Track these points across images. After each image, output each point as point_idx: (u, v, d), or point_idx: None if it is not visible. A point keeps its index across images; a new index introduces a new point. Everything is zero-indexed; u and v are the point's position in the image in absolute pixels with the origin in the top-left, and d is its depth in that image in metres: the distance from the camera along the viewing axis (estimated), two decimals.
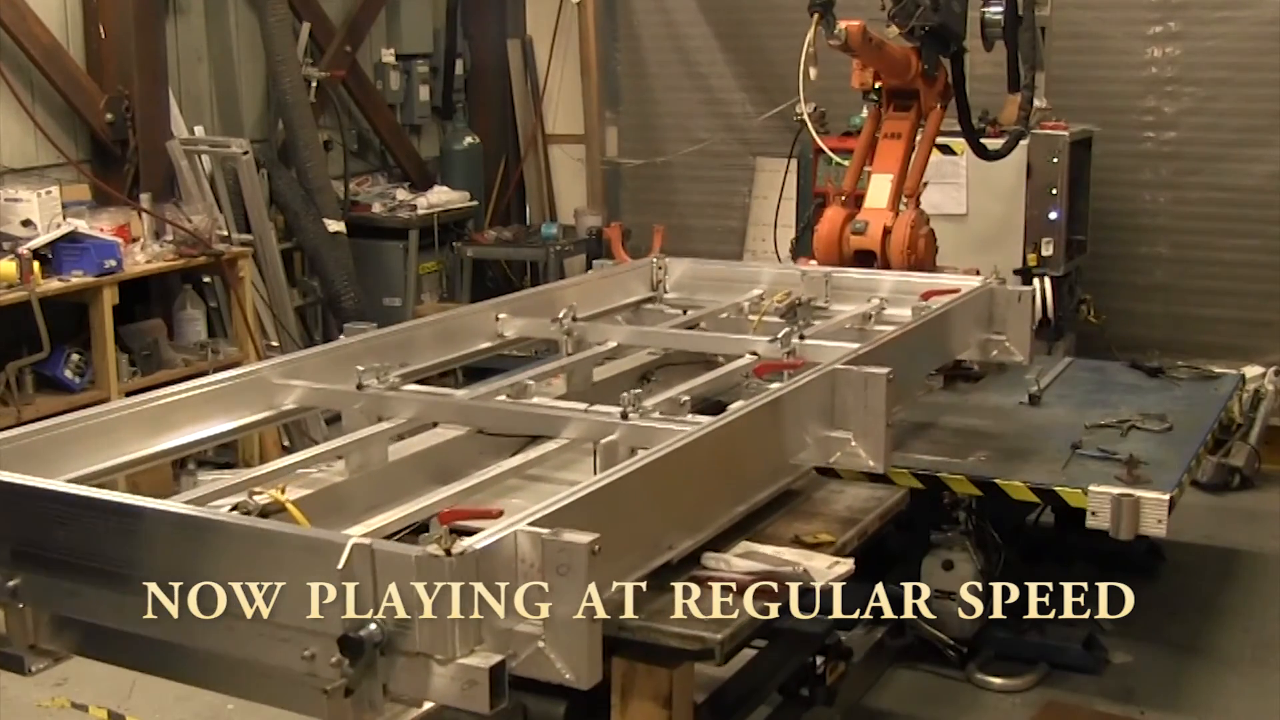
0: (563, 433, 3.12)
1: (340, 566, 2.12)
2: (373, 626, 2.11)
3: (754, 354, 3.73)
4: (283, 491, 2.77)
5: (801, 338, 3.76)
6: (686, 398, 3.25)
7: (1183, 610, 5.43)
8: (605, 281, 4.64)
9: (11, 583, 2.51)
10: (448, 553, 2.10)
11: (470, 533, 2.28)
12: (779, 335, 3.73)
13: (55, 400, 6.25)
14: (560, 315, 3.98)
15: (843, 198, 5.38)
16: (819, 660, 3.84)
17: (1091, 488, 4.26)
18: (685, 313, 4.43)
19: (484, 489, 3.00)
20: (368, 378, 3.33)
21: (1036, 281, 6.45)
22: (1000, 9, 5.46)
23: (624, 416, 3.05)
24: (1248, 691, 4.85)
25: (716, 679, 3.50)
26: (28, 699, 4.88)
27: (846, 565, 3.01)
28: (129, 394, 6.40)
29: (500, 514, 2.45)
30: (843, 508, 3.40)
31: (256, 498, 2.75)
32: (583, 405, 3.29)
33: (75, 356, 6.35)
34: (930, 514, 4.77)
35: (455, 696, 2.12)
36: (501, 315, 4.07)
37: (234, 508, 2.71)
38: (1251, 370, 6.90)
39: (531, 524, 2.29)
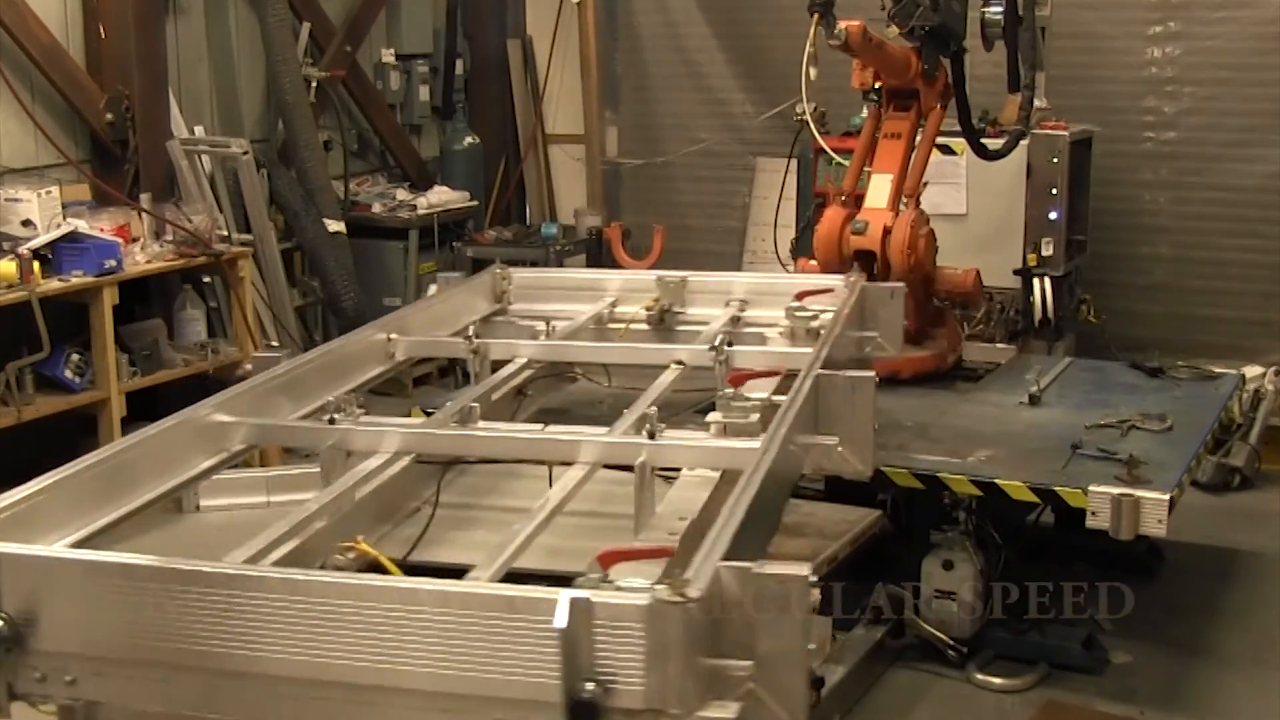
0: (580, 457, 2.96)
1: (564, 625, 1.90)
2: (591, 687, 1.90)
3: (679, 363, 3.64)
4: (361, 543, 2.54)
5: (729, 344, 3.66)
6: (654, 410, 3.15)
7: (1183, 610, 5.43)
8: (452, 299, 4.38)
9: (69, 678, 2.16)
10: (683, 597, 1.91)
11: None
12: (715, 343, 3.64)
13: (55, 400, 6.26)
14: (468, 333, 3.81)
15: (843, 198, 5.38)
16: None
17: (1091, 488, 4.27)
18: (549, 324, 4.20)
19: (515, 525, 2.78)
20: (335, 410, 3.11)
21: (1037, 281, 6.47)
22: (1000, 9, 5.46)
23: (651, 436, 2.92)
24: (1248, 691, 4.84)
25: None
26: None
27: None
28: (129, 394, 6.47)
29: (674, 551, 2.27)
30: (813, 531, 3.28)
31: (347, 554, 2.49)
32: (537, 428, 3.18)
33: (75, 356, 6.35)
34: (930, 514, 4.77)
35: None
36: (393, 336, 3.82)
37: (320, 566, 2.47)
38: (1251, 370, 6.90)
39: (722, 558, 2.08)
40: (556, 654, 1.91)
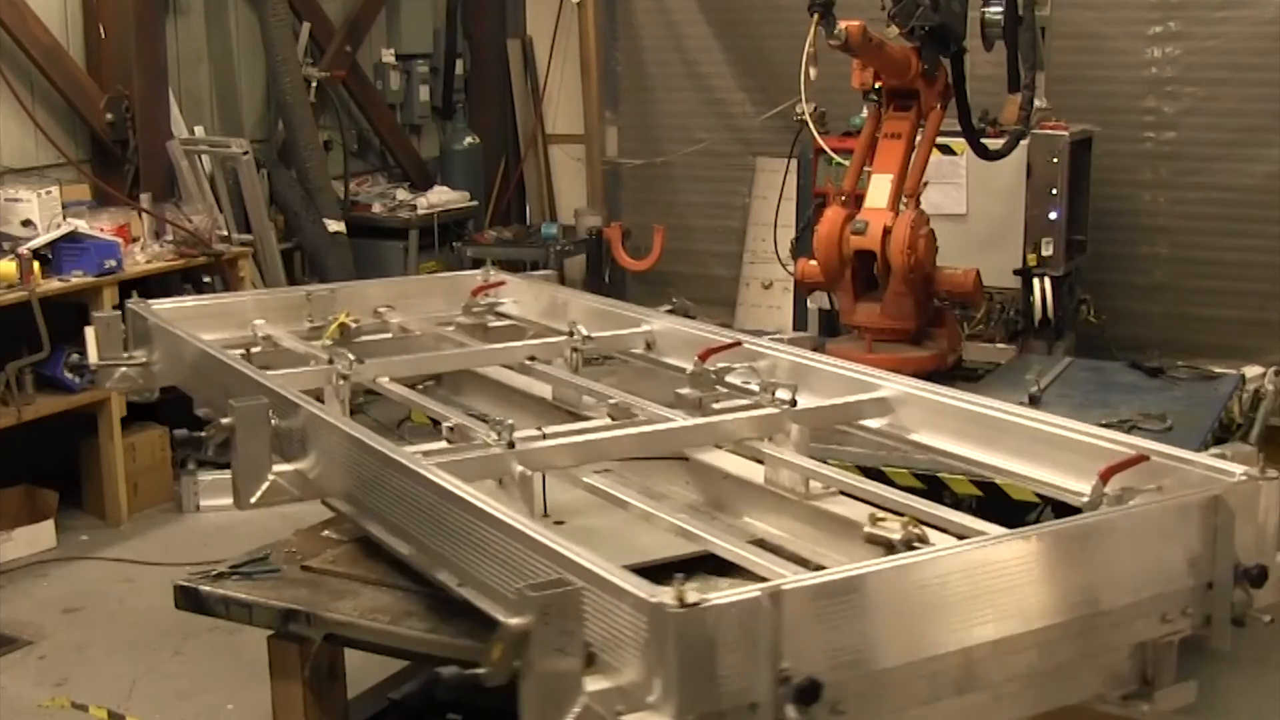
0: (737, 435, 3.11)
1: (1219, 510, 2.40)
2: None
3: (532, 359, 3.74)
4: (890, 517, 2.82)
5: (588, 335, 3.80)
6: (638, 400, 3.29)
7: None
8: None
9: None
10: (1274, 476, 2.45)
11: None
12: (578, 334, 3.72)
13: (55, 400, 6.26)
14: (341, 361, 3.50)
15: (843, 198, 5.37)
16: None
17: None
18: (249, 350, 3.88)
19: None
20: (511, 433, 2.84)
21: (1037, 281, 6.46)
22: (1000, 9, 5.45)
23: (793, 404, 3.09)
24: (1248, 691, 4.84)
25: None
26: (28, 699, 4.88)
27: None
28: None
29: (1150, 456, 2.70)
30: None
31: (890, 531, 2.79)
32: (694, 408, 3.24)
33: (75, 356, 6.34)
34: None
35: None
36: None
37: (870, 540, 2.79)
38: (1251, 370, 6.89)
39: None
40: (1211, 546, 2.45)
